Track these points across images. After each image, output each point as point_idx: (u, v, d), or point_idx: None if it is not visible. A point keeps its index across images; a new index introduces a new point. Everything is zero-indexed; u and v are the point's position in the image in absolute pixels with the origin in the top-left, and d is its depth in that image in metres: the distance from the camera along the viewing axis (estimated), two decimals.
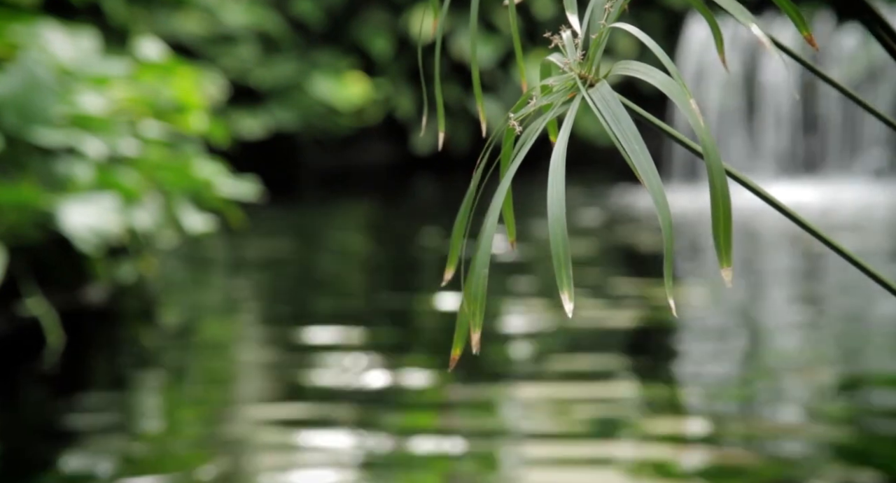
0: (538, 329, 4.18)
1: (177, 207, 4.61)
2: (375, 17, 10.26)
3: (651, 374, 3.64)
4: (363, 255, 6.45)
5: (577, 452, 2.80)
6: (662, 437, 2.93)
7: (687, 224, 6.93)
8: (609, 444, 2.90)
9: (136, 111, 4.59)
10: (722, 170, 0.73)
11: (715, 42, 0.79)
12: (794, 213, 0.81)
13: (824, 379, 3.61)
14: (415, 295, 4.93)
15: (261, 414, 3.23)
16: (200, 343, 4.28)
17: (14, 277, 3.96)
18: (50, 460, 2.86)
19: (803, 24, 0.81)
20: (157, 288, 5.03)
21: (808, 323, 4.50)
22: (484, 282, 0.76)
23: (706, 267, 5.55)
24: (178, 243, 5.08)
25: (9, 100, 3.94)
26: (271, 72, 9.62)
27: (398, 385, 3.46)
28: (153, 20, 8.64)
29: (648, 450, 2.84)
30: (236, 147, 8.02)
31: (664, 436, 2.95)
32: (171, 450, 2.95)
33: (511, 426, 3.11)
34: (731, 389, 3.49)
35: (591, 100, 0.77)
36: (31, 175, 3.98)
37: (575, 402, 3.22)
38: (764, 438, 2.96)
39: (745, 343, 4.14)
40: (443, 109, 0.92)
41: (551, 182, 0.75)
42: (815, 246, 5.86)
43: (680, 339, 4.21)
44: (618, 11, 0.79)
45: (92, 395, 3.50)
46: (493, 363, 3.69)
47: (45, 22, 4.65)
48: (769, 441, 2.95)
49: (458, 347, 0.78)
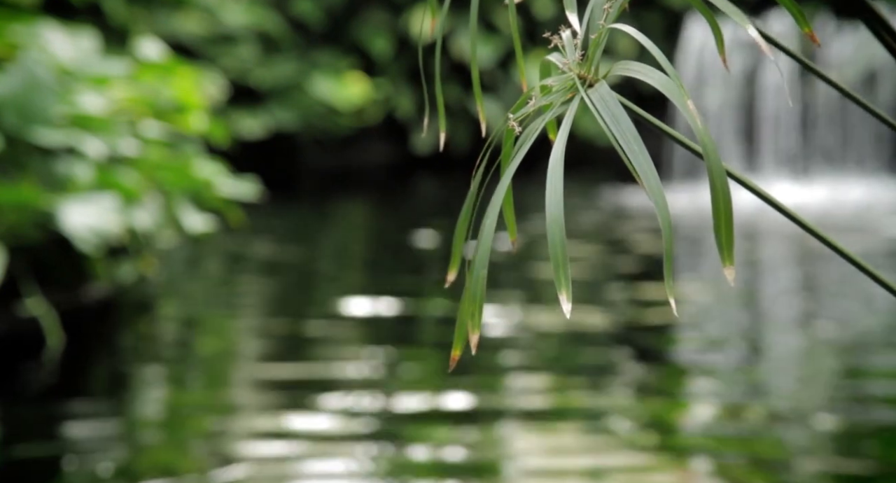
0: (528, 330, 4.18)
1: (177, 207, 4.61)
2: (375, 17, 10.26)
3: (646, 373, 3.64)
4: (363, 255, 6.45)
5: (572, 464, 2.80)
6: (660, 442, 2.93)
7: (686, 224, 6.93)
8: (603, 455, 2.90)
9: (136, 111, 4.59)
10: (722, 170, 0.73)
11: (716, 42, 0.79)
12: (794, 214, 0.81)
13: (821, 374, 3.61)
14: (414, 296, 4.93)
15: (261, 413, 3.23)
16: (200, 343, 4.28)
17: (14, 277, 3.96)
18: (50, 460, 2.86)
19: (804, 20, 0.81)
20: (157, 288, 5.03)
21: (807, 322, 4.50)
22: (483, 282, 0.76)
23: (706, 267, 5.55)
24: (178, 243, 5.08)
25: (9, 100, 3.94)
26: (271, 72, 9.62)
27: (398, 385, 3.47)
28: (153, 20, 8.64)
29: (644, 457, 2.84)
30: (236, 147, 8.02)
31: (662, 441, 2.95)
32: (171, 450, 2.95)
33: (507, 435, 3.11)
34: (732, 388, 3.49)
35: (590, 100, 0.77)
36: (31, 175, 3.98)
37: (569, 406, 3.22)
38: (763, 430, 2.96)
39: (745, 343, 4.14)
40: (443, 110, 0.92)
41: (550, 182, 0.75)
42: (815, 245, 5.86)
43: (679, 339, 4.21)
44: (617, 12, 0.79)
45: (91, 395, 3.50)
46: (484, 367, 3.69)
47: (45, 22, 4.65)
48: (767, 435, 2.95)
49: (457, 347, 0.78)
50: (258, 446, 2.93)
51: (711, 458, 2.82)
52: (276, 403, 3.31)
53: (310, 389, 3.40)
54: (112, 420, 3.18)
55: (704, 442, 2.96)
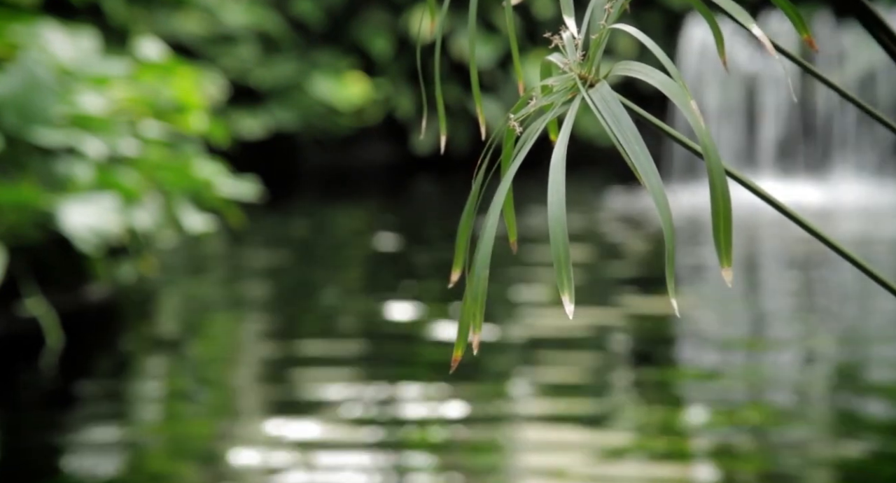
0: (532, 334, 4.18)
1: (177, 207, 4.61)
2: (375, 17, 10.26)
3: (646, 374, 3.64)
4: (362, 255, 6.45)
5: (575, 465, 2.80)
6: (663, 449, 2.93)
7: (686, 224, 6.93)
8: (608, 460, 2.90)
9: (136, 111, 4.58)
10: (722, 170, 0.73)
11: (715, 42, 0.79)
12: (795, 213, 0.81)
13: (820, 368, 3.61)
14: (413, 297, 4.93)
15: (261, 415, 3.23)
16: (200, 343, 4.28)
17: (14, 277, 3.95)
18: (50, 460, 2.86)
19: (803, 25, 0.81)
20: (157, 288, 5.02)
21: (805, 322, 4.50)
22: (484, 283, 0.76)
23: (706, 266, 5.55)
24: (178, 243, 5.08)
25: (9, 100, 3.94)
26: (271, 72, 9.61)
27: (398, 385, 3.46)
28: (153, 20, 8.64)
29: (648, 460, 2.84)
30: (236, 147, 8.02)
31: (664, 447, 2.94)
32: (170, 451, 2.95)
33: (509, 438, 3.11)
34: (733, 388, 3.49)
35: (591, 100, 0.77)
36: (31, 175, 3.98)
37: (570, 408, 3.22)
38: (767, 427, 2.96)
39: (744, 342, 4.14)
40: (443, 110, 0.92)
41: (551, 183, 0.75)
42: (816, 245, 5.86)
43: (680, 340, 4.21)
44: (618, 12, 0.79)
45: (91, 395, 3.50)
46: (486, 371, 3.69)
47: (45, 22, 4.65)
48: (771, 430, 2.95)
49: (459, 349, 0.78)
50: (258, 448, 2.93)
51: (712, 460, 2.82)
52: (277, 403, 3.31)
53: (310, 389, 3.40)
54: (112, 420, 3.18)
55: (706, 444, 2.96)
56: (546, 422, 3.08)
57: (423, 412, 3.19)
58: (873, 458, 2.81)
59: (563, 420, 3.08)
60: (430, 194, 9.50)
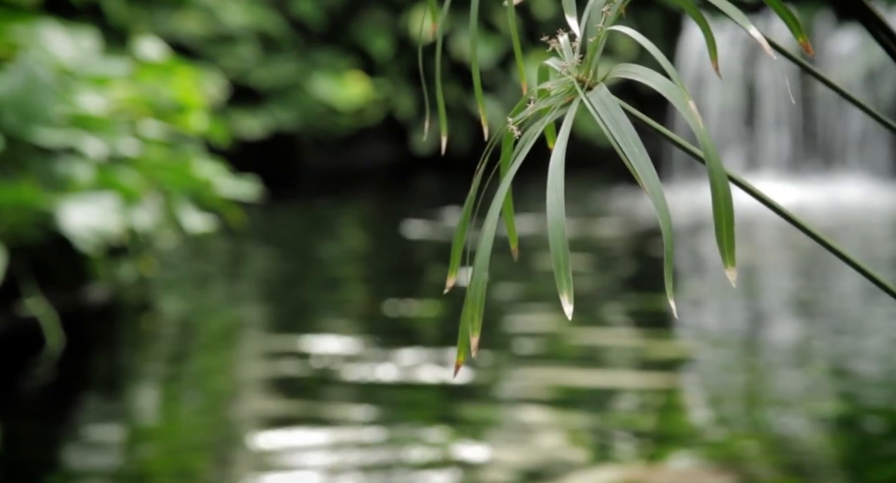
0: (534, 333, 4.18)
1: (177, 207, 4.61)
2: (375, 17, 10.26)
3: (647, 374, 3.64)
4: (362, 255, 6.45)
5: None
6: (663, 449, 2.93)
7: (686, 225, 6.93)
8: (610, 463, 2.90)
9: (136, 111, 4.58)
10: (723, 172, 0.73)
11: (708, 48, 0.79)
12: (794, 217, 0.81)
13: (819, 367, 3.61)
14: (411, 298, 4.93)
15: (261, 415, 3.23)
16: (200, 343, 4.28)
17: (14, 277, 3.95)
18: (50, 460, 2.86)
19: (799, 29, 0.81)
20: (157, 288, 5.02)
21: (805, 322, 4.50)
22: (483, 286, 0.76)
23: (706, 267, 5.55)
24: (178, 243, 5.08)
25: (9, 100, 3.94)
26: (271, 72, 9.61)
27: (398, 385, 3.46)
28: (153, 20, 8.64)
29: None
30: (236, 147, 8.02)
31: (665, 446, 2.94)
32: (171, 450, 2.95)
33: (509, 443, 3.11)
34: (734, 389, 3.49)
35: (589, 103, 0.77)
36: (31, 175, 3.98)
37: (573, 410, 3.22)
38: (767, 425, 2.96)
39: (744, 341, 4.14)
40: (444, 110, 0.92)
41: (550, 185, 0.75)
42: (815, 247, 5.86)
43: (679, 340, 4.22)
44: (615, 14, 0.79)
45: (91, 395, 3.50)
46: (489, 375, 3.69)
47: (45, 22, 4.65)
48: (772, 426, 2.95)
49: (461, 354, 0.78)
50: (258, 448, 2.93)
51: (717, 463, 2.82)
52: (277, 403, 3.31)
53: (310, 389, 3.40)
54: (111, 421, 3.18)
55: (709, 446, 2.96)
56: (546, 422, 3.09)
57: (424, 412, 3.19)
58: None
59: (563, 423, 3.08)
60: (430, 194, 9.50)
